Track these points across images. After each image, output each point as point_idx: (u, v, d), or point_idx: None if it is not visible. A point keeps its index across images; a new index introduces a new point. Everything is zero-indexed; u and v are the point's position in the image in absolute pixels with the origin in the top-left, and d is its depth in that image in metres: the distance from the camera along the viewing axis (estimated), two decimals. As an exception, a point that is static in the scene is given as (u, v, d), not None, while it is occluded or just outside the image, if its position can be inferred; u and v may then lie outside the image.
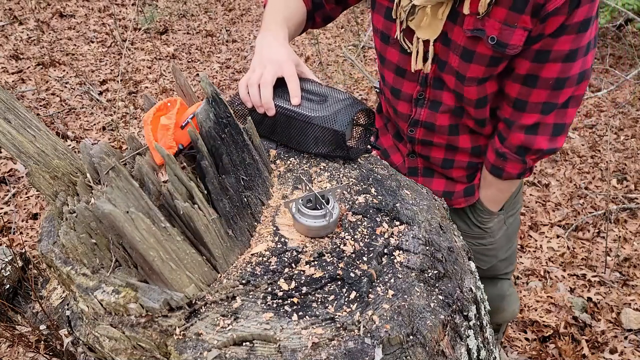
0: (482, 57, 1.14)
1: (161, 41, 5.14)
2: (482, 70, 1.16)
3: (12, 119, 0.96)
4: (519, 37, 1.08)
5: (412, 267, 0.91)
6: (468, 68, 1.16)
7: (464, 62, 1.16)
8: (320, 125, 1.06)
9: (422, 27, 1.18)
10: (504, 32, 1.08)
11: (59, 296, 1.25)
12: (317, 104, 1.09)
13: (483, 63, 1.15)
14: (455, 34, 1.14)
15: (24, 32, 4.92)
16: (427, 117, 1.33)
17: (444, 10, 1.12)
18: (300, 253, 0.93)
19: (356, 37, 5.42)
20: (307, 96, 1.10)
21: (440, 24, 1.15)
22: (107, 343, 0.90)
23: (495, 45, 1.10)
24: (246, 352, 0.78)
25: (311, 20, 1.42)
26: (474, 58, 1.14)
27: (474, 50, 1.13)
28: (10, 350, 1.82)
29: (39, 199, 2.88)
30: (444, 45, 1.19)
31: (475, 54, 1.14)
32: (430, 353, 0.82)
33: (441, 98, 1.28)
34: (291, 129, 1.11)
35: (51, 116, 3.65)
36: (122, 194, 0.80)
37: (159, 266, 0.81)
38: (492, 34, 1.09)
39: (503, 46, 1.10)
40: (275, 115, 1.10)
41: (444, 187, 1.46)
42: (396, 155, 1.52)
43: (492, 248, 1.53)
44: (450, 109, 1.30)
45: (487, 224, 1.48)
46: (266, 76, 1.08)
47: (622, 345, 2.19)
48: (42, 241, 1.01)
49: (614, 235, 2.81)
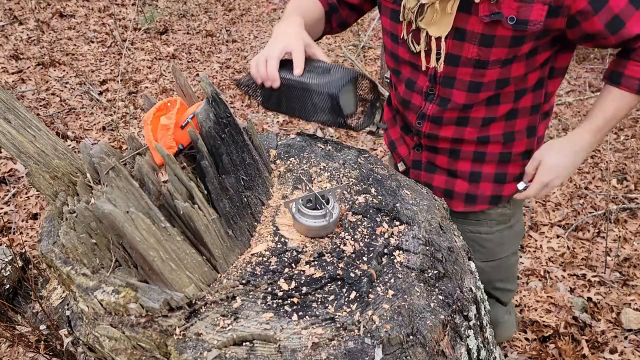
0: (503, 39, 1.14)
1: (161, 41, 5.14)
2: (505, 51, 1.15)
3: (12, 119, 0.96)
4: (539, 12, 1.08)
5: (412, 267, 0.91)
6: (490, 52, 1.16)
7: (484, 48, 1.16)
8: (315, 91, 1.11)
9: (433, 25, 1.18)
10: (522, 9, 1.08)
11: (59, 296, 1.25)
12: (318, 75, 1.13)
13: (505, 45, 1.15)
14: (471, 24, 1.14)
15: (24, 32, 4.92)
16: (435, 112, 1.33)
17: (453, 4, 1.13)
18: (300, 253, 0.93)
19: (356, 37, 5.42)
20: (312, 69, 1.15)
21: (450, 18, 1.15)
22: (107, 343, 0.90)
23: (515, 24, 1.10)
24: (246, 352, 0.78)
25: (328, 23, 1.46)
26: (494, 42, 1.15)
27: (493, 35, 1.14)
28: (10, 350, 1.82)
29: (39, 199, 2.88)
30: (456, 40, 1.19)
31: (496, 38, 1.14)
32: (430, 353, 0.82)
33: (451, 95, 1.28)
34: (293, 99, 1.16)
35: (51, 116, 3.65)
36: (122, 194, 0.80)
37: (159, 266, 0.81)
38: (510, 14, 1.09)
39: (524, 24, 1.10)
40: (280, 87, 1.14)
41: (445, 185, 1.45)
42: (402, 147, 1.52)
43: (487, 239, 1.51)
44: (459, 107, 1.29)
45: (488, 211, 1.47)
46: (272, 51, 1.15)
47: (622, 345, 2.19)
48: (42, 241, 1.01)
49: (614, 235, 2.81)
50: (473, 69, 1.21)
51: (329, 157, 1.19)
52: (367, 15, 6.06)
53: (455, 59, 1.22)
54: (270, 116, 4.02)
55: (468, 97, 1.27)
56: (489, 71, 1.20)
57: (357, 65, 4.66)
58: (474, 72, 1.22)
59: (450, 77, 1.25)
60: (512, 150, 1.37)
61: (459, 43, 1.19)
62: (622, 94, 1.20)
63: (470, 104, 1.29)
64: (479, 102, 1.28)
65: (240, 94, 4.29)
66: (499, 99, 1.28)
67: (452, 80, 1.26)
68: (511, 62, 1.19)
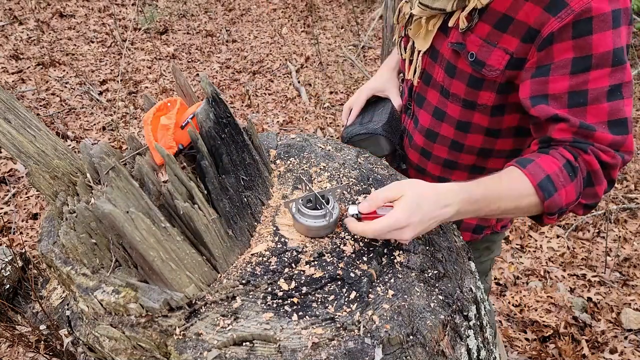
0: (463, 74, 1.09)
1: (161, 41, 5.14)
2: (464, 88, 1.10)
3: (12, 119, 0.96)
4: (498, 59, 1.00)
5: (412, 267, 0.91)
6: (451, 83, 1.12)
7: (448, 76, 1.13)
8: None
9: (418, 38, 1.18)
10: (482, 49, 1.02)
11: (59, 296, 1.25)
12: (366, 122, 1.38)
13: (464, 81, 1.09)
14: (443, 47, 1.12)
15: (24, 32, 4.92)
16: (411, 129, 1.31)
17: (436, 23, 1.11)
18: (300, 253, 0.93)
19: (356, 37, 5.42)
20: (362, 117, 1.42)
21: (431, 35, 1.14)
22: (107, 343, 0.90)
23: (472, 62, 1.04)
24: (246, 352, 0.78)
25: None
26: (455, 73, 1.10)
27: (455, 66, 1.10)
28: (10, 350, 1.82)
29: (39, 199, 2.88)
30: (431, 59, 1.17)
31: (457, 70, 1.10)
32: (430, 353, 0.82)
33: (419, 115, 1.26)
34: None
35: (51, 116, 3.65)
36: (122, 194, 0.80)
37: (159, 266, 0.81)
38: (471, 50, 1.04)
39: (480, 65, 1.03)
40: None
41: None
42: None
43: None
44: (424, 130, 1.25)
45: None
46: (355, 99, 1.45)
47: (622, 345, 2.19)
48: (42, 241, 1.01)
49: (614, 235, 2.80)
50: (439, 94, 1.18)
51: (329, 157, 1.19)
52: (367, 15, 6.06)
53: (428, 78, 1.20)
54: (270, 116, 4.02)
55: (432, 122, 1.22)
56: (449, 104, 1.15)
57: (357, 65, 4.66)
58: (440, 99, 1.18)
59: (422, 96, 1.24)
60: None
61: (432, 62, 1.17)
62: (522, 179, 0.93)
63: (435, 132, 1.22)
64: (443, 137, 1.22)
65: (240, 94, 4.29)
66: (464, 136, 1.18)
67: (422, 100, 1.24)
68: (472, 108, 1.12)
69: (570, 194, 0.94)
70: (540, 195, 0.92)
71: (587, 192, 0.97)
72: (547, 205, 0.93)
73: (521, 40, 0.97)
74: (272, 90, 4.46)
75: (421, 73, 1.20)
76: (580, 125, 0.94)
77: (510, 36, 0.98)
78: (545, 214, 0.96)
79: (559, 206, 0.94)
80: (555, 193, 0.93)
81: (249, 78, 4.61)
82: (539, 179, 0.92)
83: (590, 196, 0.98)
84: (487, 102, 1.09)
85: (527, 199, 0.93)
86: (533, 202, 0.94)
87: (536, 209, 0.96)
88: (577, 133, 0.95)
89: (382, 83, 1.42)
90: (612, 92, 0.93)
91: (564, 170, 0.93)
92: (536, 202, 0.94)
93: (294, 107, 4.16)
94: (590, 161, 0.94)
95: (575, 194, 0.95)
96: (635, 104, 4.18)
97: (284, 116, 4.01)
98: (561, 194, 0.93)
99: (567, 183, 0.93)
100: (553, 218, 0.98)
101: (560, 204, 0.94)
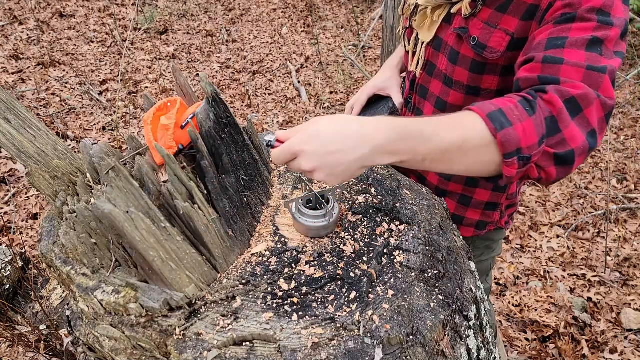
0: (465, 59, 1.10)
1: (161, 41, 5.14)
2: (467, 75, 1.10)
3: (12, 119, 0.96)
4: (499, 41, 1.02)
5: (412, 267, 0.91)
6: (454, 70, 1.13)
7: (451, 64, 1.14)
8: None
9: (422, 29, 1.19)
10: (484, 32, 1.04)
11: (59, 296, 1.25)
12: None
13: (466, 66, 1.10)
14: (447, 35, 1.14)
15: (24, 32, 4.92)
16: None
17: (441, 13, 1.13)
18: (300, 253, 0.93)
19: (356, 37, 5.42)
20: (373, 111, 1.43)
21: (435, 26, 1.15)
22: (107, 343, 0.90)
23: (475, 46, 1.06)
24: (246, 352, 0.78)
25: None
26: (458, 60, 1.12)
27: (458, 52, 1.11)
28: (10, 350, 1.82)
29: (39, 199, 2.88)
30: (434, 48, 1.19)
31: (460, 56, 1.11)
32: (430, 353, 0.82)
33: (423, 107, 1.27)
34: None
35: (51, 116, 3.65)
36: (122, 194, 0.80)
37: (159, 266, 0.81)
38: (473, 34, 1.06)
39: (482, 47, 1.05)
40: None
41: None
42: None
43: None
44: None
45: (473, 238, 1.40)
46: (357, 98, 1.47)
47: (622, 345, 2.19)
48: (42, 241, 1.01)
49: (614, 235, 2.80)
50: (442, 84, 1.19)
51: (329, 157, 1.18)
52: (367, 15, 6.06)
53: (431, 69, 1.21)
54: (270, 116, 4.02)
55: (435, 113, 1.23)
56: (453, 92, 1.16)
57: (357, 65, 4.66)
58: (442, 89, 1.19)
59: (425, 88, 1.25)
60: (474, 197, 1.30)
61: (435, 52, 1.18)
62: (469, 113, 0.82)
63: None
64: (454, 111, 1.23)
65: (240, 94, 4.29)
66: None
67: (425, 92, 1.25)
68: (477, 94, 1.12)
69: (529, 132, 0.79)
70: (491, 128, 0.78)
71: (554, 139, 0.82)
72: (501, 139, 0.77)
73: (521, 19, 0.98)
74: (272, 90, 4.46)
75: (424, 64, 1.22)
76: (544, 59, 0.84)
77: (511, 16, 0.99)
78: (503, 158, 0.79)
79: (517, 144, 0.78)
80: (509, 126, 0.78)
81: (249, 78, 4.62)
82: (489, 110, 0.80)
83: (559, 143, 0.82)
84: (491, 86, 1.10)
85: (474, 132, 0.78)
86: (484, 137, 0.78)
87: (489, 151, 0.79)
88: (542, 69, 0.85)
89: (383, 81, 1.43)
90: (593, 43, 0.84)
91: (519, 106, 0.80)
92: (487, 137, 0.78)
93: (294, 107, 4.17)
94: (551, 99, 0.80)
95: (537, 135, 0.79)
96: (635, 103, 4.18)
97: (284, 116, 4.01)
98: (517, 128, 0.78)
99: (523, 118, 0.79)
100: (513, 166, 0.80)
101: (518, 141, 0.78)
